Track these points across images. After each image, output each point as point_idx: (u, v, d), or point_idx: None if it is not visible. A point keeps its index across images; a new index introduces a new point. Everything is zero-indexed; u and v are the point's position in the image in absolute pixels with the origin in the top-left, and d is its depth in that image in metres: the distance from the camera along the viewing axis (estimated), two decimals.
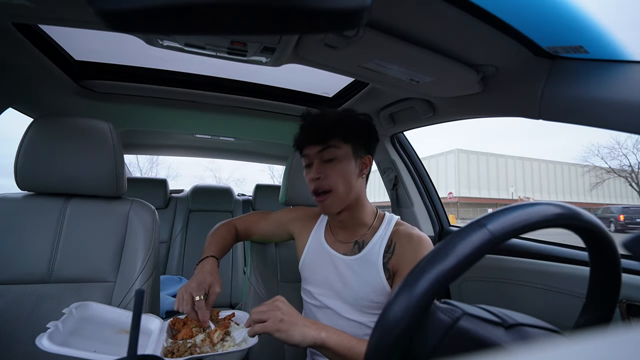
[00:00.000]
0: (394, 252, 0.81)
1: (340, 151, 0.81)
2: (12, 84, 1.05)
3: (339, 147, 0.81)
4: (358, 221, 0.88)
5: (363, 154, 0.85)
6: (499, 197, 26.85)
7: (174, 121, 1.56)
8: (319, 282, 0.88)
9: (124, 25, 0.25)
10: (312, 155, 0.82)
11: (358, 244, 0.86)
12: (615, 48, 0.58)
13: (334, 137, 0.80)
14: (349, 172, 0.81)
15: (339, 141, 0.81)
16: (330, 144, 0.80)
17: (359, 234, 0.87)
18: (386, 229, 0.86)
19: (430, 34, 0.67)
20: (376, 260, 0.81)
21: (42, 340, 0.55)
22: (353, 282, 0.82)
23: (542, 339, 0.36)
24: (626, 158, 23.14)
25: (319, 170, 0.81)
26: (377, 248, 0.83)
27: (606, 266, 0.42)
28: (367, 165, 0.86)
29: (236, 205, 2.36)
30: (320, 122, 0.82)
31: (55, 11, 0.63)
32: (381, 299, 0.81)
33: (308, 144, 0.83)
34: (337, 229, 0.92)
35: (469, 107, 0.99)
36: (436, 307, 0.38)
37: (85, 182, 0.90)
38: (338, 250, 0.88)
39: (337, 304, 0.84)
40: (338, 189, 0.80)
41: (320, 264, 0.89)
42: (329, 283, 0.86)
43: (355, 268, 0.83)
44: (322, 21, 0.26)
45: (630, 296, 0.77)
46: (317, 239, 0.93)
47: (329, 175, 0.80)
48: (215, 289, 0.78)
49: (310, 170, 0.82)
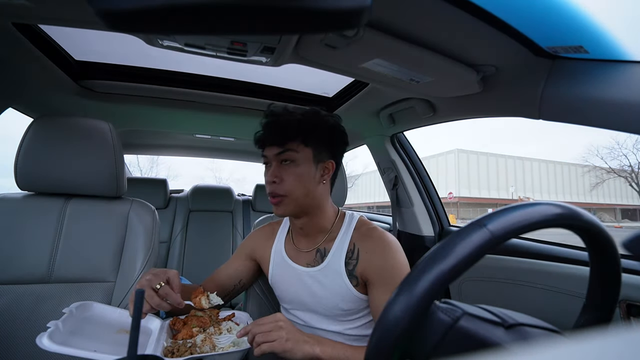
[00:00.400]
0: (359, 259, 0.79)
1: (298, 155, 0.77)
2: (12, 84, 1.05)
3: (298, 150, 0.77)
4: (318, 227, 0.85)
5: (325, 158, 0.81)
6: (499, 197, 26.86)
7: (174, 121, 1.56)
8: (290, 299, 0.87)
9: (124, 25, 0.25)
10: (270, 157, 0.79)
11: (320, 252, 0.84)
12: (615, 48, 0.58)
13: (294, 140, 0.77)
14: (307, 177, 0.78)
15: (299, 144, 0.77)
16: (289, 147, 0.77)
17: (319, 241, 0.85)
18: (346, 232, 0.83)
19: (430, 34, 0.67)
20: (339, 268, 0.80)
21: (42, 340, 0.55)
22: (321, 293, 0.81)
23: (542, 339, 0.36)
24: (626, 158, 23.16)
25: (275, 174, 0.78)
26: (338, 254, 0.81)
27: (606, 266, 0.42)
28: (329, 171, 0.83)
29: (236, 205, 2.36)
30: (281, 123, 0.78)
31: (55, 11, 0.63)
32: (352, 306, 0.79)
33: (267, 144, 0.79)
34: (298, 236, 0.89)
35: (469, 107, 0.99)
36: (436, 307, 0.38)
37: (85, 182, 0.90)
38: (300, 263, 0.85)
39: (311, 317, 0.84)
40: (293, 194, 0.77)
41: (287, 280, 0.87)
42: (299, 297, 0.85)
43: (320, 279, 0.81)
44: (322, 21, 0.26)
45: (630, 296, 0.77)
46: (279, 254, 0.90)
47: (285, 180, 0.77)
48: (170, 272, 0.72)
49: (268, 171, 0.80)
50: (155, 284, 0.68)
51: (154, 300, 0.67)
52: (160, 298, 0.67)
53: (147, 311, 0.68)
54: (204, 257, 2.14)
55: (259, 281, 1.00)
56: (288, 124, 0.77)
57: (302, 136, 0.77)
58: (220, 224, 2.26)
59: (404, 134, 1.51)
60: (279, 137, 0.77)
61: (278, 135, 0.77)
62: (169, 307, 0.68)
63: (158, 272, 0.71)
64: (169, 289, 0.69)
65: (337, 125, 0.84)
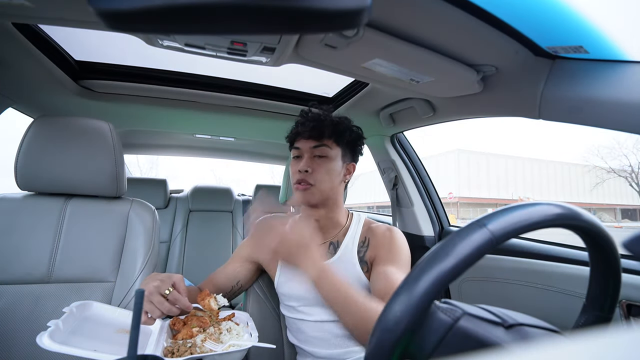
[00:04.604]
0: (369, 246, 0.87)
1: (331, 151, 0.86)
2: (12, 84, 1.05)
3: (332, 147, 0.87)
4: (333, 221, 0.92)
5: (349, 160, 0.92)
6: (499, 197, 26.85)
7: (174, 121, 1.56)
8: (299, 296, 0.87)
9: (124, 25, 0.25)
10: (305, 149, 0.87)
11: (333, 245, 0.89)
12: (615, 48, 0.58)
13: (329, 137, 0.86)
14: (334, 172, 0.87)
15: (333, 142, 0.87)
16: (325, 142, 0.86)
17: (333, 234, 0.91)
18: (357, 227, 0.91)
19: (430, 34, 0.67)
20: (352, 257, 0.86)
21: (42, 339, 0.55)
22: None
23: (542, 339, 0.36)
24: (626, 158, 23.15)
25: (309, 164, 0.85)
26: (350, 246, 0.88)
27: (606, 266, 0.42)
28: (350, 172, 0.92)
29: (236, 205, 2.36)
30: (319, 121, 0.86)
31: (55, 11, 0.63)
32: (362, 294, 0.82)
33: (303, 138, 0.87)
34: None
35: (469, 107, 0.99)
36: (436, 306, 0.38)
37: (85, 182, 0.90)
38: None
39: (320, 311, 0.85)
40: (321, 185, 0.85)
41: (297, 277, 0.87)
42: (309, 293, 0.85)
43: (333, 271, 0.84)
44: (322, 21, 0.26)
45: (630, 296, 0.77)
46: None
47: (317, 171, 0.85)
48: (175, 277, 0.74)
49: (299, 162, 0.87)
50: (163, 289, 0.70)
51: (164, 306, 0.68)
52: (170, 304, 0.69)
53: (158, 317, 0.70)
54: (204, 257, 2.14)
55: (259, 281, 1.00)
56: (324, 122, 0.86)
57: (336, 136, 0.87)
58: (220, 224, 2.26)
59: (404, 134, 1.51)
60: (317, 132, 0.86)
61: (316, 131, 0.86)
62: (179, 312, 0.70)
63: (164, 278, 0.73)
64: (177, 294, 0.71)
65: (361, 134, 0.94)
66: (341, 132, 0.88)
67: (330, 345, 0.84)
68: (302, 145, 0.88)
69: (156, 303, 0.68)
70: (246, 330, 0.76)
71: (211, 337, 0.70)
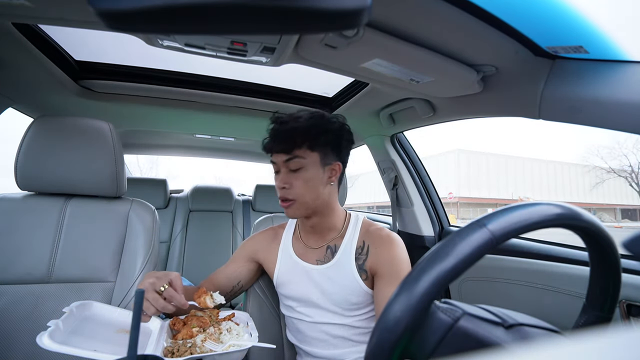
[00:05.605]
0: (369, 254, 0.83)
1: (306, 160, 0.80)
2: (12, 84, 1.05)
3: (305, 156, 0.80)
4: (329, 225, 0.89)
5: (332, 160, 0.84)
6: (499, 197, 26.84)
7: (174, 121, 1.56)
8: (297, 297, 0.88)
9: (124, 25, 0.25)
10: (279, 164, 0.82)
11: (331, 249, 0.87)
12: (615, 48, 0.58)
13: (301, 147, 0.79)
14: (315, 181, 0.81)
15: (306, 150, 0.80)
16: (296, 154, 0.79)
17: (330, 238, 0.89)
18: (354, 229, 0.88)
19: (430, 34, 0.67)
20: (349, 263, 0.83)
21: (42, 339, 0.55)
22: (331, 288, 0.83)
23: (542, 339, 0.36)
24: (626, 158, 23.15)
25: (285, 180, 0.81)
26: (348, 250, 0.85)
27: (606, 266, 0.42)
28: (336, 172, 0.85)
29: (236, 205, 2.36)
30: (287, 131, 0.80)
31: (55, 11, 0.63)
32: (360, 300, 0.82)
33: (275, 152, 0.82)
34: (308, 234, 0.92)
35: (469, 107, 0.99)
36: (436, 306, 0.38)
37: (85, 182, 0.90)
38: (310, 260, 0.88)
39: (318, 312, 0.85)
40: (303, 199, 0.81)
41: (295, 278, 0.88)
42: (307, 294, 0.86)
43: (330, 275, 0.84)
44: (322, 21, 0.26)
45: (630, 296, 0.77)
46: (287, 254, 0.91)
47: (294, 185, 0.80)
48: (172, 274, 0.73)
49: (278, 177, 0.83)
50: (158, 286, 0.69)
51: (159, 303, 0.68)
52: (166, 301, 0.69)
53: (153, 314, 0.69)
54: (204, 257, 2.14)
55: (259, 281, 1.00)
56: (294, 132, 0.79)
57: (309, 142, 0.80)
58: (220, 224, 2.26)
59: (404, 133, 1.51)
60: (286, 144, 0.80)
61: (285, 143, 0.80)
62: (174, 309, 0.69)
63: (160, 275, 0.72)
64: (172, 291, 0.70)
65: (343, 126, 0.86)
66: (315, 136, 0.80)
67: (329, 346, 0.84)
68: (276, 159, 0.82)
69: (151, 300, 0.68)
70: (246, 330, 0.76)
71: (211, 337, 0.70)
